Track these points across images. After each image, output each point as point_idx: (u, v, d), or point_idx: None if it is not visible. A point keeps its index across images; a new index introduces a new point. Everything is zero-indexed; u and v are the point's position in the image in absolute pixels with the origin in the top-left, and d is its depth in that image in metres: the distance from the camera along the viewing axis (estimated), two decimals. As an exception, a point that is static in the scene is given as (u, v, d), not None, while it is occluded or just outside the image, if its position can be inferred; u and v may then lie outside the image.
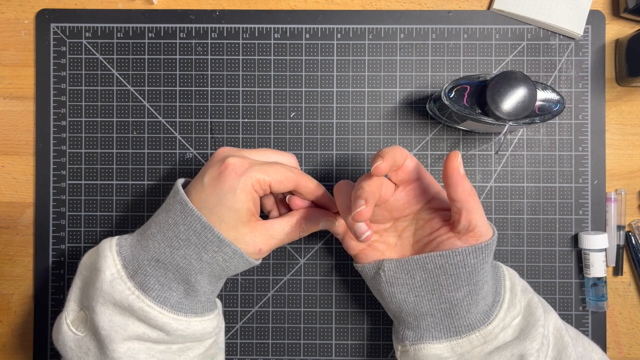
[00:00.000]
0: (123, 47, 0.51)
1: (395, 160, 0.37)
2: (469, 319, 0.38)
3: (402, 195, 0.40)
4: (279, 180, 0.39)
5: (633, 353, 0.50)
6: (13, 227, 0.51)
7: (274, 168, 0.39)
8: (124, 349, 0.38)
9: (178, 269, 0.39)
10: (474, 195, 0.37)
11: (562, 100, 0.43)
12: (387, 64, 0.51)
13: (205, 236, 0.38)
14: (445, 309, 0.39)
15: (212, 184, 0.38)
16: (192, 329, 0.40)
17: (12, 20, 0.51)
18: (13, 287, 0.51)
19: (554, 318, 0.41)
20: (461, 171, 0.37)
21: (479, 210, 0.38)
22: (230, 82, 0.51)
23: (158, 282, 0.39)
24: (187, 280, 0.39)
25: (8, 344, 0.51)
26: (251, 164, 0.39)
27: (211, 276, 0.40)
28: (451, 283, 0.38)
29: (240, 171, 0.38)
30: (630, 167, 0.51)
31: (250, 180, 0.38)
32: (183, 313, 0.39)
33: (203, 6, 0.51)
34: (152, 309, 0.38)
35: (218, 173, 0.38)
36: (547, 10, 0.49)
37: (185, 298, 0.40)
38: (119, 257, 0.39)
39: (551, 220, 0.50)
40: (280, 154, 0.43)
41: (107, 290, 0.38)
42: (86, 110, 0.51)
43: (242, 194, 0.38)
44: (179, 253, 0.38)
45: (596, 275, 0.48)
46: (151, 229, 0.39)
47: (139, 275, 0.38)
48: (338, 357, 0.50)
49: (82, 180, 0.50)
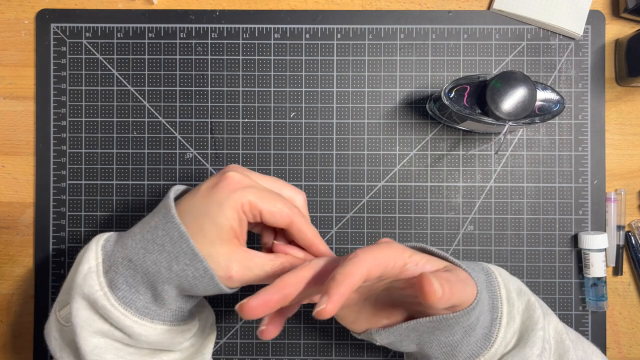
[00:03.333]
0: (123, 47, 0.51)
1: (352, 290, 0.31)
2: (470, 350, 0.37)
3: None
4: (272, 212, 0.37)
5: (633, 353, 0.50)
6: (13, 227, 0.51)
7: (271, 197, 0.37)
8: (90, 347, 0.37)
9: (146, 273, 0.37)
10: (451, 290, 0.32)
11: (562, 100, 0.43)
12: (387, 64, 0.51)
13: (179, 246, 0.36)
14: (446, 351, 0.37)
15: (205, 193, 0.37)
16: (159, 337, 0.38)
17: (12, 20, 0.51)
18: (13, 287, 0.51)
19: (554, 321, 0.40)
20: (439, 294, 0.31)
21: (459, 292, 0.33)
22: (230, 82, 0.51)
23: (126, 282, 0.37)
24: (154, 287, 0.37)
25: (8, 344, 0.51)
26: (250, 184, 0.37)
27: (179, 289, 0.38)
28: (446, 333, 0.36)
29: (235, 187, 0.37)
30: (630, 167, 0.51)
31: (241, 199, 0.36)
32: (149, 319, 0.38)
33: (203, 6, 0.51)
34: (114, 309, 0.37)
35: (215, 183, 0.37)
36: (547, 10, 0.49)
37: (153, 304, 0.38)
38: (102, 251, 0.38)
39: (551, 220, 0.50)
40: (288, 188, 0.41)
41: (79, 283, 0.37)
42: (86, 110, 0.51)
43: (229, 210, 0.36)
44: (151, 258, 0.37)
45: (596, 275, 0.48)
46: (134, 228, 0.39)
47: (111, 272, 0.37)
48: (338, 357, 0.50)
49: (82, 180, 0.50)
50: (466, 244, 0.50)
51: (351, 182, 0.50)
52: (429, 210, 0.50)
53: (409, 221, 0.50)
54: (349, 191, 0.50)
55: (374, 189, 0.50)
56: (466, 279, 0.35)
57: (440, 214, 0.50)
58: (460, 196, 0.50)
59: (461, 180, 0.50)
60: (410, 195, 0.50)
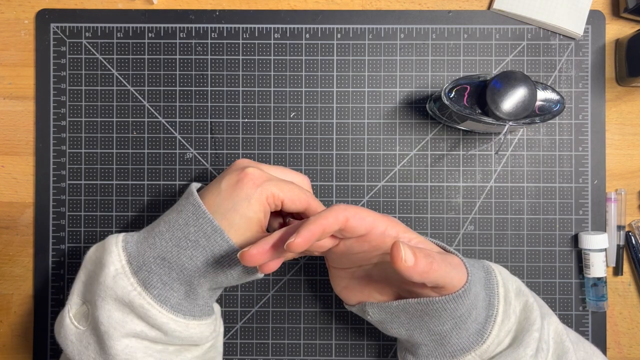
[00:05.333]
0: (123, 47, 0.51)
1: (324, 231, 0.34)
2: (462, 343, 0.38)
3: (354, 245, 0.38)
4: (292, 199, 0.40)
5: (633, 353, 0.50)
6: (13, 227, 0.51)
7: (289, 186, 0.40)
8: (121, 347, 0.38)
9: (183, 270, 0.39)
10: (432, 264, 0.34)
11: (562, 100, 0.43)
12: (387, 64, 0.51)
13: (214, 240, 0.38)
14: (435, 339, 0.38)
15: (229, 190, 0.39)
16: (190, 332, 0.40)
17: (12, 20, 0.51)
18: (13, 287, 0.51)
19: (554, 322, 0.40)
20: (410, 263, 0.33)
21: (443, 273, 0.35)
22: (230, 82, 0.51)
23: (161, 280, 0.38)
24: (190, 282, 0.39)
25: (8, 344, 0.51)
26: (269, 177, 0.40)
27: (213, 281, 0.40)
28: (435, 321, 0.37)
29: (258, 182, 0.39)
30: (630, 167, 0.51)
31: (265, 192, 0.39)
32: (182, 315, 0.39)
33: (203, 6, 0.51)
34: (152, 307, 0.38)
35: (237, 180, 0.39)
36: (547, 10, 0.49)
37: (185, 300, 0.40)
38: (125, 252, 0.39)
39: (551, 220, 0.50)
40: (295, 174, 0.44)
41: (109, 285, 0.38)
42: (86, 110, 0.51)
43: (257, 204, 0.38)
44: (186, 254, 0.38)
45: (596, 275, 0.48)
46: (159, 227, 0.40)
47: (142, 271, 0.38)
48: (338, 357, 0.50)
49: (82, 180, 0.50)
50: (466, 244, 0.50)
51: (351, 182, 0.50)
52: (429, 210, 0.50)
53: (409, 221, 0.50)
54: (349, 191, 0.50)
55: (374, 189, 0.50)
56: (457, 265, 0.37)
57: (441, 214, 0.50)
58: (461, 196, 0.50)
59: (461, 180, 0.50)
60: (410, 195, 0.50)
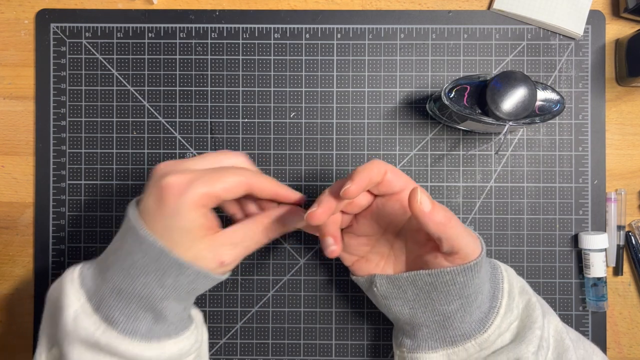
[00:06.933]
0: (123, 47, 0.51)
1: (370, 179, 0.35)
2: (464, 328, 0.38)
3: (386, 204, 0.38)
4: (227, 189, 0.36)
5: (633, 353, 0.50)
6: (13, 227, 0.51)
7: (220, 176, 0.36)
8: None
9: (141, 298, 0.36)
10: (451, 220, 0.35)
11: (562, 100, 0.43)
12: (387, 64, 0.51)
13: (162, 262, 0.35)
14: (439, 321, 0.38)
15: (155, 208, 0.35)
16: (168, 353, 0.37)
17: (12, 20, 0.51)
18: (13, 287, 0.51)
19: (554, 321, 0.41)
20: (426, 208, 0.34)
21: (460, 233, 0.36)
22: (230, 82, 0.51)
23: (123, 313, 0.36)
24: (153, 308, 0.36)
25: (8, 344, 0.51)
26: (192, 178, 0.35)
27: (178, 300, 0.37)
28: (442, 298, 0.38)
29: (180, 189, 0.35)
30: (630, 167, 0.51)
31: (193, 198, 0.35)
32: (156, 339, 0.37)
33: (203, 6, 0.51)
34: (121, 342, 0.35)
35: (158, 196, 0.35)
36: (547, 10, 0.49)
37: (155, 325, 0.37)
38: (83, 289, 0.37)
39: (551, 220, 0.50)
40: (228, 156, 0.39)
41: (71, 329, 0.35)
42: (86, 110, 0.51)
43: (188, 213, 0.35)
44: (139, 281, 0.36)
45: (596, 275, 0.48)
46: (109, 258, 0.37)
47: (103, 307, 0.36)
48: (338, 357, 0.50)
49: (82, 180, 0.50)
50: (466, 244, 0.50)
51: (351, 182, 0.50)
52: (429, 210, 0.50)
53: (409, 221, 0.50)
54: (349, 191, 0.50)
55: (374, 189, 0.50)
56: (473, 236, 0.37)
57: (440, 214, 0.50)
58: (461, 196, 0.50)
59: (461, 180, 0.50)
60: (410, 195, 0.50)
